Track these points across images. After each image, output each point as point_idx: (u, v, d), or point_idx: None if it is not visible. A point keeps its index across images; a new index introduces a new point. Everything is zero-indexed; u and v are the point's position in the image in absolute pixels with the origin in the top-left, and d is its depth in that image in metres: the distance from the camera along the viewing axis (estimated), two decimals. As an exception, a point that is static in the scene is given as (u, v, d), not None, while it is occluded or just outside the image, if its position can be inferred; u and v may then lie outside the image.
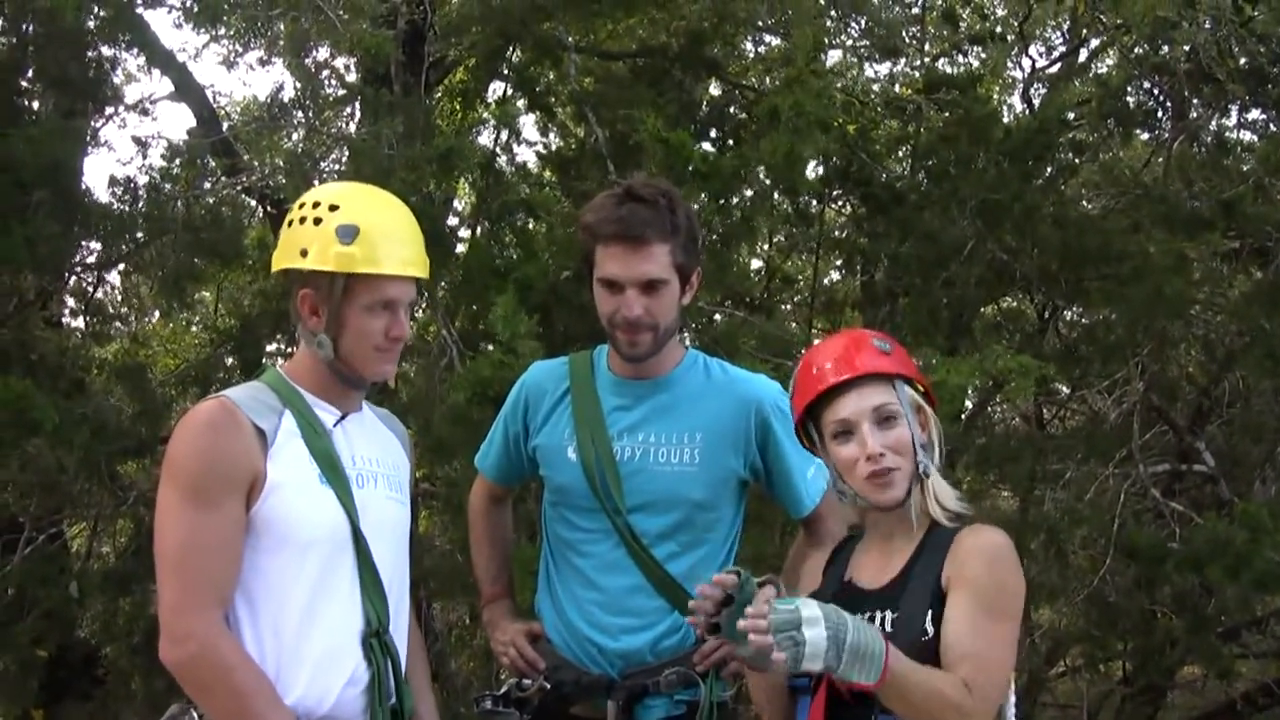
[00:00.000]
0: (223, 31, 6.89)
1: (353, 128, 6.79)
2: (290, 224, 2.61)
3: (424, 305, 6.08)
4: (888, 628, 2.42)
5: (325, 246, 2.53)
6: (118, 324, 8.70)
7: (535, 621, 3.12)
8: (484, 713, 3.03)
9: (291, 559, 2.50)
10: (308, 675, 2.48)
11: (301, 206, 2.61)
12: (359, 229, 2.53)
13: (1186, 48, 6.47)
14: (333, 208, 2.57)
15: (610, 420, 3.00)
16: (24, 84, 6.68)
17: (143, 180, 6.49)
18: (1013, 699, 2.58)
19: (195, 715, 2.46)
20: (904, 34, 8.01)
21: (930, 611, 2.39)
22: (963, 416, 6.91)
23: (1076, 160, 7.34)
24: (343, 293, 2.55)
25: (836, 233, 8.59)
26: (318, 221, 2.56)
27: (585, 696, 2.96)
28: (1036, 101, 8.71)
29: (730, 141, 7.34)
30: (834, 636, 2.15)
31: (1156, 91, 7.53)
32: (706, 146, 7.01)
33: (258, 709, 2.40)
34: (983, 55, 8.32)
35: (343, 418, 2.67)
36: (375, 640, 2.57)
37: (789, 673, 2.26)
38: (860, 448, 2.48)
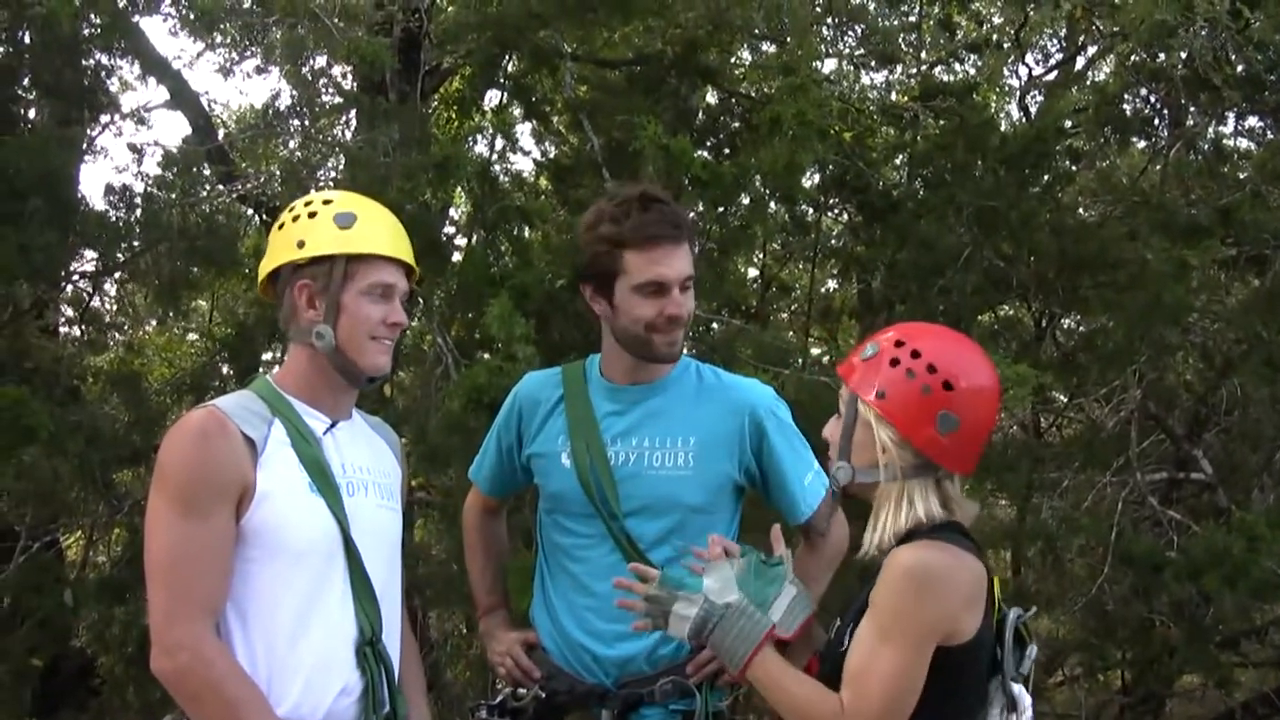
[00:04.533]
0: (219, 39, 6.89)
1: (349, 136, 6.79)
2: (281, 226, 2.68)
3: (419, 314, 6.07)
4: (832, 636, 2.53)
5: (324, 233, 2.61)
6: (113, 332, 8.67)
7: (532, 631, 3.10)
8: (478, 722, 3.01)
9: (282, 568, 2.49)
10: (300, 685, 2.48)
11: (292, 209, 2.69)
12: (356, 215, 2.64)
13: (1183, 55, 6.44)
14: (326, 202, 2.67)
15: (604, 426, 2.98)
16: (19, 92, 6.67)
17: (138, 188, 6.48)
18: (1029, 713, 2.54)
19: (190, 727, 2.45)
20: (901, 42, 8.01)
21: (851, 627, 2.42)
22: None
23: (1073, 168, 7.35)
24: (343, 277, 2.60)
25: (833, 241, 8.60)
26: (313, 215, 2.64)
27: (580, 706, 2.95)
28: (1033, 109, 8.72)
29: (726, 150, 7.33)
30: (696, 630, 2.52)
31: (1153, 99, 7.52)
32: (703, 154, 7.00)
33: (249, 719, 2.38)
34: (979, 63, 8.31)
35: (333, 425, 2.67)
36: (368, 649, 2.56)
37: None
38: None
